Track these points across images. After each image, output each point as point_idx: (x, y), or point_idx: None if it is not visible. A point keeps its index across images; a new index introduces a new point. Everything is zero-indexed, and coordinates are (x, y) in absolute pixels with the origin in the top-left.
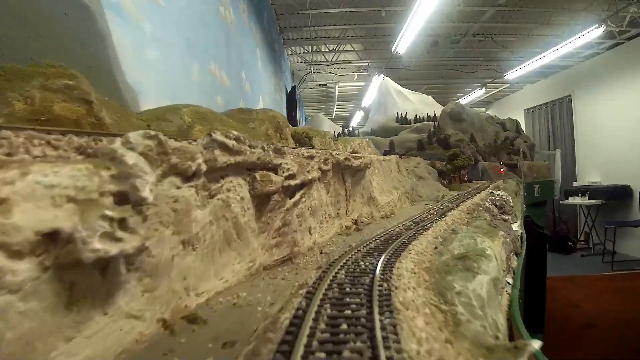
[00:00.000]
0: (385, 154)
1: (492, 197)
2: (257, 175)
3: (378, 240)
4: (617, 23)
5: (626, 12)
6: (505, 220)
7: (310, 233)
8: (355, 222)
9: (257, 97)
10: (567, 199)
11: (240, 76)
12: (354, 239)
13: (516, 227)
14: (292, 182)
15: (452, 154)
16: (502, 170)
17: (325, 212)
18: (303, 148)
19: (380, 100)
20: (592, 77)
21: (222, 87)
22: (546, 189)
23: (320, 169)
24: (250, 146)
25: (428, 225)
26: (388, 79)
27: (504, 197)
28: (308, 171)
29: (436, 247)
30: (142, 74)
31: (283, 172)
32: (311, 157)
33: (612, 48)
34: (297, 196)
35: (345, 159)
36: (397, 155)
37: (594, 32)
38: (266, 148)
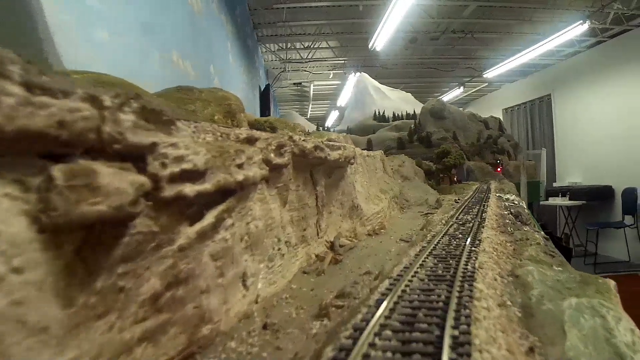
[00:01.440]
0: None
1: (506, 204)
2: (60, 172)
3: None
4: (601, 20)
5: (610, 9)
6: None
7: (244, 286)
8: (332, 247)
9: None
10: (547, 199)
11: (208, 69)
12: (330, 284)
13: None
14: (193, 189)
15: (442, 151)
16: (500, 169)
17: (280, 240)
18: (236, 128)
19: (358, 98)
20: (572, 76)
21: (186, 79)
22: (534, 190)
23: (267, 162)
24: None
25: (455, 259)
26: (365, 75)
27: (516, 202)
28: (239, 166)
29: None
30: (87, 57)
31: (163, 164)
32: (250, 141)
33: (594, 46)
34: (210, 218)
35: (315, 147)
36: (382, 152)
37: (578, 29)
38: (98, 96)
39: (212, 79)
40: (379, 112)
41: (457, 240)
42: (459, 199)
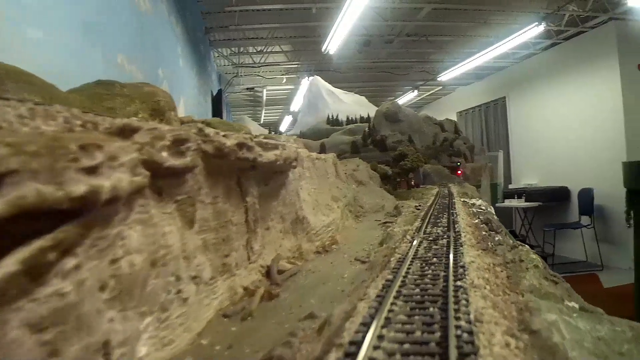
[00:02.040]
0: None
1: (473, 210)
2: None
3: None
4: (556, 22)
5: (566, 10)
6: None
7: None
8: (268, 275)
9: (177, 97)
10: (503, 201)
11: (156, 73)
12: (257, 335)
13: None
14: None
15: (399, 153)
16: (460, 172)
17: (180, 277)
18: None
19: (311, 101)
20: (527, 78)
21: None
22: (492, 192)
23: (152, 164)
24: None
25: (437, 304)
26: (319, 78)
27: (483, 207)
28: (88, 170)
29: None
30: (16, 57)
31: None
32: (123, 133)
33: (549, 48)
34: (11, 265)
35: (240, 145)
36: (334, 155)
37: (533, 31)
38: None
39: (161, 83)
40: (332, 116)
41: (433, 267)
42: (419, 205)
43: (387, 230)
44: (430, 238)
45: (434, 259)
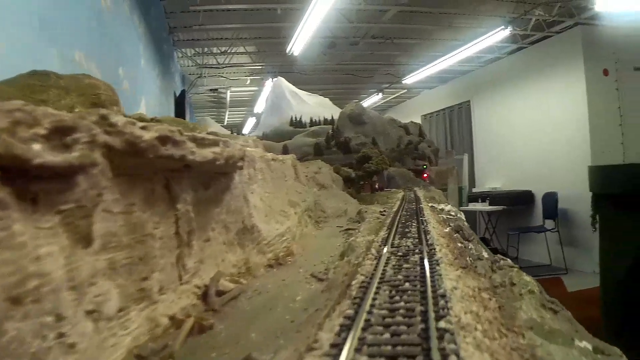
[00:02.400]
0: None
1: (444, 217)
2: None
3: None
4: (522, 26)
5: (532, 15)
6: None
7: None
8: (205, 298)
9: (138, 97)
10: (467, 205)
11: (116, 72)
12: None
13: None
14: None
15: (363, 155)
16: (426, 175)
17: (64, 316)
18: None
19: (274, 102)
20: (492, 82)
21: None
22: (459, 196)
23: (12, 159)
24: None
25: (413, 342)
26: (282, 79)
27: (453, 213)
28: None
29: None
30: None
31: None
32: None
33: (514, 53)
34: None
35: (163, 139)
36: (294, 156)
37: (499, 35)
38: None
39: (121, 82)
40: (295, 118)
41: (406, 297)
42: (385, 211)
43: (349, 240)
44: (400, 253)
45: (406, 283)
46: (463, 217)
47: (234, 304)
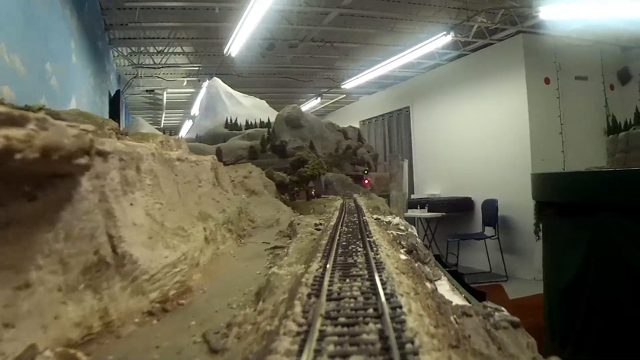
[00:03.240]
0: None
1: (393, 233)
2: None
3: None
4: (464, 33)
5: (475, 21)
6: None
7: None
8: None
9: (68, 95)
10: (406, 211)
11: (43, 66)
12: None
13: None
14: None
15: (298, 159)
16: (367, 181)
17: None
18: None
19: (209, 104)
20: (432, 89)
21: (13, 75)
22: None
23: None
24: None
25: None
26: (218, 80)
27: (403, 226)
28: None
29: None
30: None
31: None
32: None
33: (455, 59)
34: None
35: None
36: (214, 157)
37: (440, 41)
38: None
39: (48, 78)
40: (231, 120)
41: None
42: (321, 223)
43: (270, 271)
44: (341, 318)
45: None
46: (414, 231)
47: None
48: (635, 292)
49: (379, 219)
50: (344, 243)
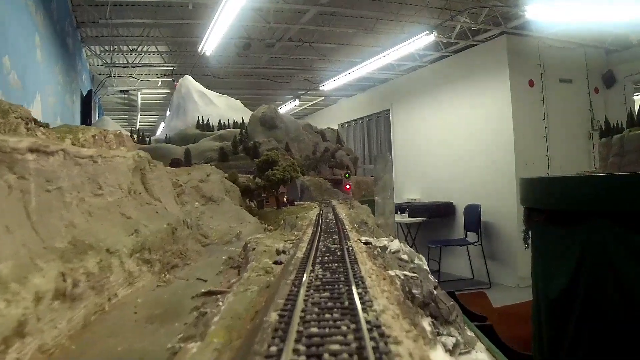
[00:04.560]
0: (172, 164)
1: (390, 272)
2: None
3: None
4: (446, 34)
5: (457, 21)
6: None
7: None
8: None
9: (32, 93)
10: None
11: (0, 61)
12: None
13: None
14: None
15: (265, 160)
16: (349, 186)
17: None
18: None
19: (180, 103)
20: (412, 91)
21: None
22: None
23: None
24: None
25: None
26: (190, 77)
27: (407, 258)
28: None
29: None
30: None
31: None
32: None
33: (436, 61)
34: None
35: None
36: (139, 153)
37: (422, 41)
38: None
39: (7, 75)
40: (202, 120)
41: None
42: (284, 251)
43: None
44: None
45: None
46: (424, 263)
47: None
48: (627, 305)
49: (369, 243)
50: (315, 312)
